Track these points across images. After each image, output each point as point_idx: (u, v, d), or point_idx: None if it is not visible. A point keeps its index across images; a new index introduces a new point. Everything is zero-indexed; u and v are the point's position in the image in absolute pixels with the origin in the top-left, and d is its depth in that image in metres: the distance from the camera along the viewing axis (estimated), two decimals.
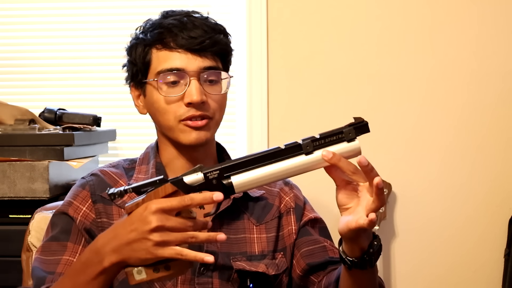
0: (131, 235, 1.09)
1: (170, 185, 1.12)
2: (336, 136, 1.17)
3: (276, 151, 1.17)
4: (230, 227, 1.39)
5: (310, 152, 1.17)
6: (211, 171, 1.14)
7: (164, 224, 1.08)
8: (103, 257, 1.12)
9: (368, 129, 1.19)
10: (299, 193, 1.50)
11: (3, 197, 2.00)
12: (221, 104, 1.38)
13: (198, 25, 1.35)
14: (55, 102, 2.42)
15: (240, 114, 2.52)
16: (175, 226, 1.09)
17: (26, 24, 2.61)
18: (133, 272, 1.10)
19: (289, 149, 1.17)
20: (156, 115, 1.38)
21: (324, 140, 1.17)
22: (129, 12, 2.58)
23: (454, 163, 2.46)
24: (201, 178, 1.14)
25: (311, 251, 1.42)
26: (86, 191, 1.37)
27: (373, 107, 2.47)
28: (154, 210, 1.09)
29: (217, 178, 1.14)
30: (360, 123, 1.18)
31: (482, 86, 2.45)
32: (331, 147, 1.17)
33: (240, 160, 1.16)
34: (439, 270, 2.48)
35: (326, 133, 1.18)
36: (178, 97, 1.34)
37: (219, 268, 1.34)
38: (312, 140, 1.17)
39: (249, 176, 1.15)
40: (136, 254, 1.09)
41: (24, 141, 2.05)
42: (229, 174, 1.15)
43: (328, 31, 2.48)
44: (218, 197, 1.11)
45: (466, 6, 2.45)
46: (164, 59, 1.35)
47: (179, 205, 1.10)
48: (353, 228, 1.16)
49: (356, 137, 1.18)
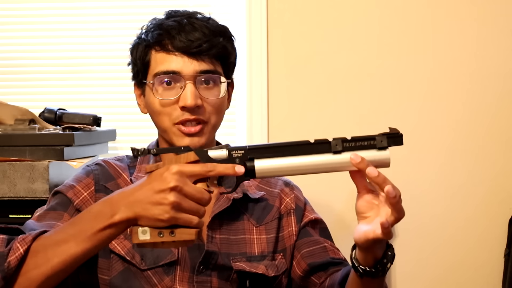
0: (148, 192, 1.08)
1: (193, 153, 1.13)
2: (368, 142, 1.16)
3: (305, 144, 1.15)
4: (230, 228, 1.39)
5: (338, 152, 1.15)
6: (237, 150, 1.14)
7: (182, 187, 1.07)
8: (116, 210, 1.10)
9: (401, 142, 1.18)
10: (299, 194, 1.50)
11: (3, 197, 2.00)
12: (218, 108, 1.37)
13: (197, 27, 1.35)
14: (55, 102, 2.42)
15: (240, 114, 2.52)
16: (192, 193, 1.08)
17: (26, 24, 2.61)
18: (138, 230, 1.10)
19: (318, 145, 1.15)
20: (153, 116, 1.39)
21: (355, 143, 1.16)
22: (129, 12, 2.58)
23: (454, 163, 2.46)
24: (225, 154, 1.14)
25: (311, 252, 1.42)
26: (90, 179, 1.37)
27: (373, 107, 2.46)
28: (175, 171, 1.08)
29: (241, 158, 1.14)
30: (394, 134, 1.17)
31: (483, 86, 2.45)
32: (361, 151, 1.15)
33: (267, 145, 1.15)
34: (439, 270, 2.48)
35: (358, 136, 1.16)
36: (173, 100, 1.34)
37: (219, 268, 1.34)
38: (342, 141, 1.16)
39: (273, 163, 1.14)
40: (149, 213, 1.08)
41: (24, 141, 2.05)
42: (253, 157, 1.14)
43: (328, 31, 2.48)
44: (240, 170, 1.12)
45: (466, 7, 2.45)
46: (161, 61, 1.35)
47: (201, 171, 1.10)
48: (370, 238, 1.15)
49: (388, 147, 1.17)
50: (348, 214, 2.43)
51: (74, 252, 1.11)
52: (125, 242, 1.33)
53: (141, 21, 1.46)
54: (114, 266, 1.32)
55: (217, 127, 1.40)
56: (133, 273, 1.32)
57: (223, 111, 1.40)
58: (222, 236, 1.37)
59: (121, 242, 1.33)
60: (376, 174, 1.13)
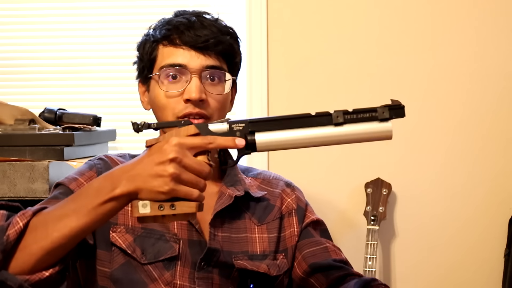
0: (148, 165, 1.08)
1: (193, 127, 1.13)
2: (369, 114, 1.15)
3: (305, 116, 1.15)
4: (231, 226, 1.39)
5: (339, 124, 1.15)
6: (237, 123, 1.14)
7: (182, 158, 1.07)
8: (117, 184, 1.09)
9: (403, 114, 1.15)
10: (300, 195, 1.50)
11: (3, 197, 2.00)
12: (222, 104, 1.38)
13: (206, 25, 1.37)
14: (55, 102, 2.41)
15: (240, 114, 2.52)
16: (191, 165, 1.08)
17: (26, 24, 2.61)
18: (138, 204, 1.09)
19: (319, 117, 1.15)
20: (156, 110, 1.39)
21: (356, 115, 1.15)
22: (129, 12, 2.58)
23: (454, 163, 2.46)
24: (226, 128, 1.14)
25: (313, 252, 1.42)
26: (93, 172, 1.38)
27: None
28: (174, 144, 1.08)
29: (242, 131, 1.14)
30: (396, 105, 1.15)
31: (483, 87, 2.45)
32: (362, 123, 1.14)
33: (268, 118, 1.15)
34: (439, 270, 2.48)
35: (359, 108, 1.15)
36: (178, 93, 1.35)
37: (220, 265, 1.35)
38: (344, 113, 1.15)
39: (274, 136, 1.14)
40: (149, 185, 1.07)
41: (24, 141, 2.05)
42: (254, 130, 1.14)
43: (328, 31, 2.48)
44: (240, 142, 1.13)
45: (467, 7, 2.45)
46: (168, 54, 1.37)
47: (201, 143, 1.10)
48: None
49: (389, 119, 1.15)
50: (348, 214, 2.43)
51: (75, 226, 1.10)
52: (126, 236, 1.33)
53: (141, 21, 1.47)
54: (115, 259, 1.33)
55: None
56: (134, 266, 1.32)
57: (226, 109, 1.41)
58: (224, 234, 1.37)
59: (123, 235, 1.33)
60: None
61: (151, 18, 1.49)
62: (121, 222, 1.34)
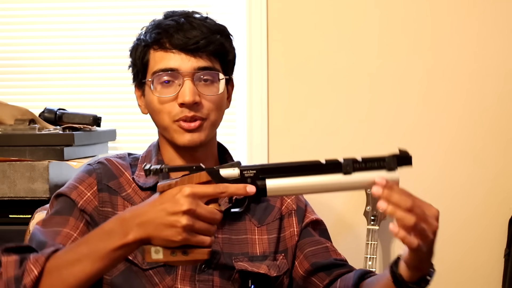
0: (160, 214, 1.10)
1: (205, 173, 1.14)
2: (377, 163, 1.17)
3: (316, 164, 1.17)
4: (232, 228, 1.39)
5: (348, 173, 1.16)
6: (248, 170, 1.16)
7: (195, 210, 1.09)
8: (129, 230, 1.11)
9: (410, 163, 1.18)
10: (300, 196, 1.50)
11: (3, 197, 2.00)
12: (218, 105, 1.38)
13: (195, 26, 1.36)
14: (55, 102, 2.41)
15: (240, 114, 2.52)
16: (204, 214, 1.10)
17: (26, 24, 2.61)
18: (151, 249, 1.11)
19: (329, 165, 1.16)
20: (153, 115, 1.39)
21: (365, 164, 1.16)
22: (129, 12, 2.58)
23: (454, 163, 2.46)
24: (237, 174, 1.15)
25: (314, 252, 1.42)
26: (93, 178, 1.37)
27: (373, 107, 2.46)
28: (187, 194, 1.10)
29: (253, 177, 1.16)
30: (404, 155, 1.18)
31: (482, 86, 2.45)
32: (370, 172, 1.16)
33: (278, 165, 1.17)
34: (439, 269, 2.47)
35: (368, 157, 1.17)
36: (172, 97, 1.34)
37: (221, 267, 1.35)
38: (353, 161, 1.16)
39: (284, 182, 1.16)
40: (161, 234, 1.10)
41: (24, 141, 2.05)
42: (265, 176, 1.16)
43: (328, 31, 2.48)
44: (251, 190, 1.14)
45: (467, 7, 2.45)
46: (160, 59, 1.36)
47: (214, 192, 1.12)
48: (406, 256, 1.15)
49: (396, 168, 1.17)
50: (348, 214, 2.43)
51: (89, 272, 1.13)
52: None
53: (141, 21, 1.46)
54: (117, 266, 1.33)
55: (217, 124, 1.40)
56: (135, 272, 1.32)
57: (222, 109, 1.41)
58: (224, 236, 1.37)
59: None
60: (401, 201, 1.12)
61: (151, 18, 1.48)
62: None
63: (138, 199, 1.36)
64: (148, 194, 1.36)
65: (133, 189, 1.37)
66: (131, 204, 1.35)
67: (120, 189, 1.37)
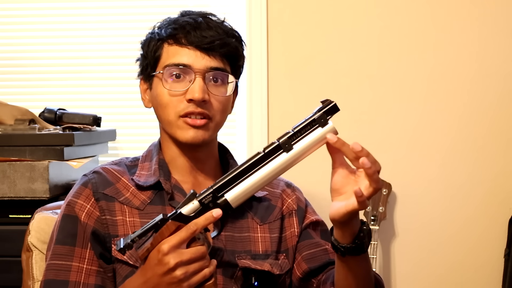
0: (156, 279, 1.16)
1: (172, 222, 1.17)
2: (310, 125, 1.20)
3: (258, 158, 1.20)
4: (234, 226, 1.39)
5: (290, 149, 1.20)
6: (205, 196, 1.19)
7: (182, 259, 1.15)
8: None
9: (337, 108, 1.22)
10: (301, 196, 1.51)
11: (3, 197, 2.00)
12: (224, 106, 1.38)
13: (212, 26, 1.37)
14: (55, 102, 2.41)
15: (240, 114, 2.52)
16: (191, 257, 1.16)
17: (26, 24, 2.61)
18: None
19: (270, 152, 1.21)
20: (158, 109, 1.39)
21: (300, 133, 1.21)
22: (129, 12, 2.58)
23: (454, 163, 2.46)
24: (197, 205, 1.19)
25: (312, 255, 1.42)
26: (89, 190, 1.37)
27: (374, 107, 2.47)
28: (167, 251, 1.15)
29: (212, 200, 1.19)
30: (328, 105, 1.21)
31: (483, 87, 2.45)
32: (308, 136, 1.20)
33: (228, 176, 1.20)
34: (439, 270, 2.48)
35: (299, 125, 1.20)
36: (181, 92, 1.35)
37: (223, 265, 1.35)
38: (288, 137, 1.21)
39: (241, 188, 1.20)
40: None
41: (24, 141, 2.05)
42: (222, 193, 1.19)
43: (328, 31, 2.48)
44: (218, 213, 1.18)
45: (467, 7, 2.45)
46: (173, 54, 1.36)
47: (188, 235, 1.16)
48: (347, 211, 1.20)
49: (328, 120, 1.21)
50: None
51: None
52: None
53: (141, 21, 1.46)
54: (119, 272, 1.33)
55: (219, 126, 1.40)
56: None
57: (227, 112, 1.41)
58: (227, 234, 1.37)
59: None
60: (359, 148, 1.18)
61: (151, 18, 1.49)
62: (121, 234, 1.33)
63: (137, 201, 1.36)
64: (149, 194, 1.36)
65: (132, 193, 1.38)
66: (130, 207, 1.35)
67: (117, 195, 1.37)
